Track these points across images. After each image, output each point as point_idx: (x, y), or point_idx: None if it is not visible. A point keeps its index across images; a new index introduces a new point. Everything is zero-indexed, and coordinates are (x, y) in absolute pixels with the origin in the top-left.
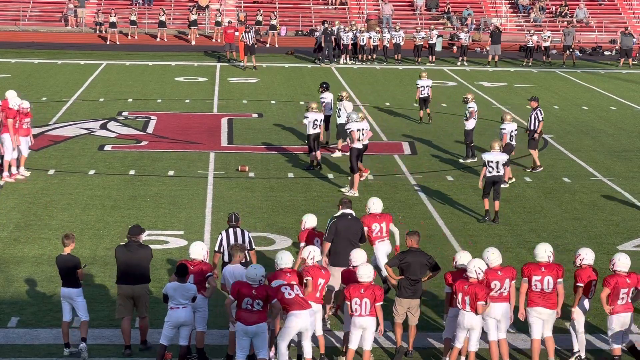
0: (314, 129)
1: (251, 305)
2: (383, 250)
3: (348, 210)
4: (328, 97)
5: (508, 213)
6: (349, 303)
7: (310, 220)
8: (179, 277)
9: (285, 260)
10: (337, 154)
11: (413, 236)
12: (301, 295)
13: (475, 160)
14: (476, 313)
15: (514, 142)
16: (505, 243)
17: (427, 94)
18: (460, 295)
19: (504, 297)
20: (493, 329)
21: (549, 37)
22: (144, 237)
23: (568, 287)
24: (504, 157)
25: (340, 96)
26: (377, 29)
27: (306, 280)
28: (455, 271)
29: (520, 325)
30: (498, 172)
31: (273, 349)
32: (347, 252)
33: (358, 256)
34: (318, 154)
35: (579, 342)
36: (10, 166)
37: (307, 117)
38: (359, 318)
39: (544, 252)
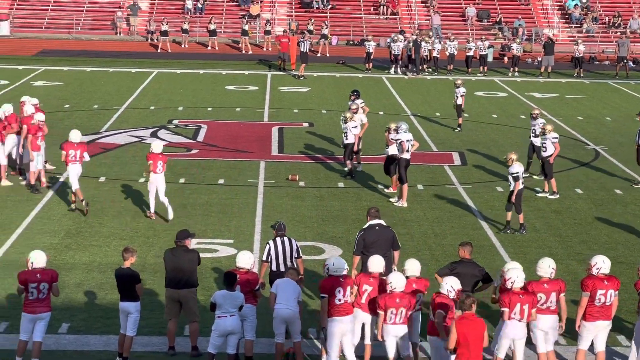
0: (351, 138)
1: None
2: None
3: (376, 221)
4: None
5: (558, 224)
6: (382, 312)
7: None
8: (227, 286)
9: (340, 266)
10: (360, 167)
11: (465, 247)
12: (349, 301)
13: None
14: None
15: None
16: (556, 255)
17: (462, 101)
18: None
19: (551, 310)
20: (541, 341)
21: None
22: (192, 242)
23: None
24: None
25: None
26: (427, 39)
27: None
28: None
29: (570, 337)
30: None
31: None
32: None
33: (378, 263)
34: (348, 162)
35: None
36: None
37: (356, 127)
38: (392, 326)
39: (603, 262)
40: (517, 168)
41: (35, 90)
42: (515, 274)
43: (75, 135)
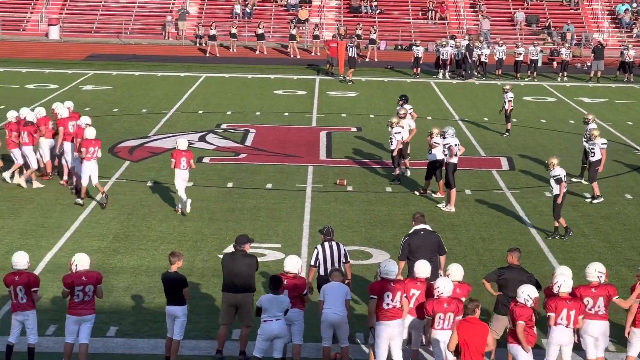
0: (394, 144)
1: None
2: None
3: (421, 226)
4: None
5: (608, 230)
6: (430, 317)
7: None
8: (273, 290)
9: (391, 270)
10: (408, 172)
11: (514, 252)
12: (398, 306)
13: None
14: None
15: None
16: (605, 260)
17: (510, 106)
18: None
19: (600, 316)
20: (591, 347)
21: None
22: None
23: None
24: None
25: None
26: (477, 43)
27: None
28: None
29: (619, 344)
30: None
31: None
32: None
33: (424, 268)
34: (397, 169)
35: None
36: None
37: (399, 133)
38: (440, 332)
39: None
40: (559, 171)
41: (84, 94)
42: (562, 279)
43: (91, 133)
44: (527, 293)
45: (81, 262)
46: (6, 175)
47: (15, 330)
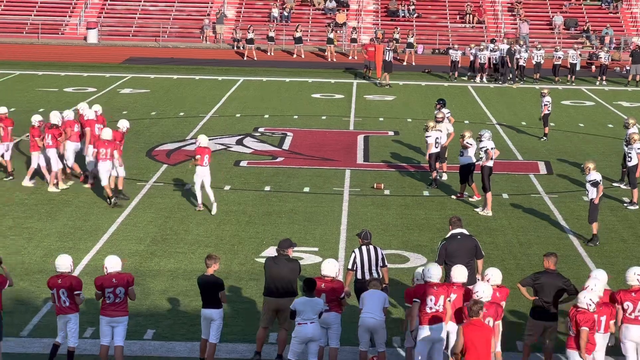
0: (436, 147)
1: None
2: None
3: (458, 230)
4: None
5: None
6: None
7: None
8: (307, 292)
9: (434, 273)
10: (445, 177)
11: (550, 257)
12: (440, 310)
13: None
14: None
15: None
16: None
17: (549, 110)
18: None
19: None
20: (632, 352)
21: None
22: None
23: None
24: None
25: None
26: (518, 47)
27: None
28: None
29: None
30: None
31: None
32: None
33: (461, 272)
34: (434, 173)
35: None
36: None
37: (430, 136)
38: None
39: None
40: (595, 175)
41: (121, 97)
42: (592, 283)
43: (106, 134)
44: (589, 298)
45: (111, 264)
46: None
47: (62, 332)
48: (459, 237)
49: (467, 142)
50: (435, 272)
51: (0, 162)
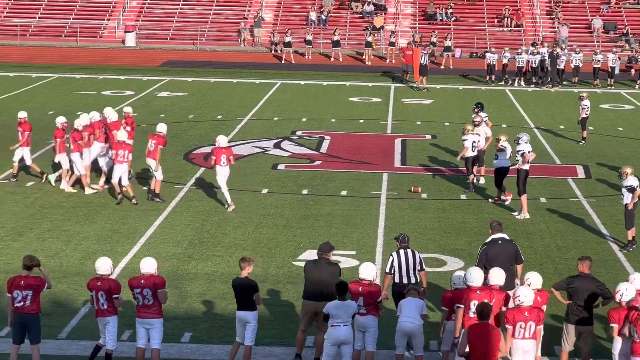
0: (472, 151)
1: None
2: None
3: (499, 235)
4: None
5: None
6: (511, 327)
7: None
8: (339, 295)
9: (476, 277)
10: (482, 180)
11: (584, 261)
12: None
13: None
14: None
15: None
16: None
17: (587, 114)
18: None
19: None
20: None
21: None
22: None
23: None
24: None
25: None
26: (559, 50)
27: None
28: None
29: None
30: None
31: None
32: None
33: (499, 275)
34: (471, 176)
35: None
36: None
37: (466, 140)
38: (522, 341)
39: None
40: (632, 181)
41: (159, 100)
42: (624, 287)
43: (122, 135)
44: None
45: (143, 266)
46: (52, 177)
47: (104, 335)
48: (499, 241)
49: (501, 145)
50: (477, 276)
51: (14, 167)
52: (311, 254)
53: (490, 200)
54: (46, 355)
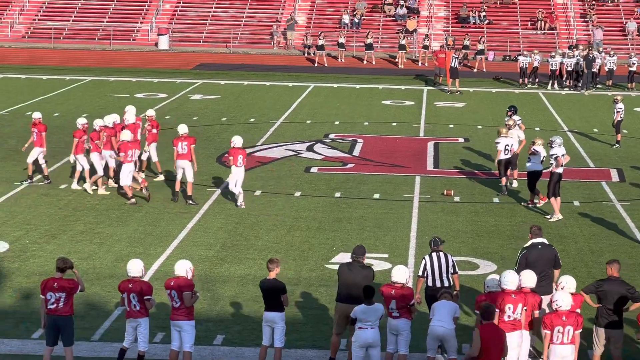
0: (505, 154)
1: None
2: None
3: (538, 240)
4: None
5: None
6: (549, 332)
7: None
8: (366, 299)
9: (511, 280)
10: (515, 184)
11: (613, 264)
12: (519, 318)
13: None
14: None
15: None
16: None
17: (621, 117)
18: None
19: None
20: None
21: None
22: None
23: None
24: None
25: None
26: (596, 53)
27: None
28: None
29: None
30: None
31: None
32: (541, 283)
33: (530, 278)
34: (503, 179)
35: None
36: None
37: (499, 143)
38: (560, 346)
39: None
40: None
41: (192, 103)
42: None
43: (126, 135)
44: None
45: (176, 267)
46: (87, 187)
47: (129, 337)
48: (539, 246)
49: (534, 149)
50: (512, 280)
51: (29, 167)
52: (343, 257)
53: (523, 203)
54: (79, 357)
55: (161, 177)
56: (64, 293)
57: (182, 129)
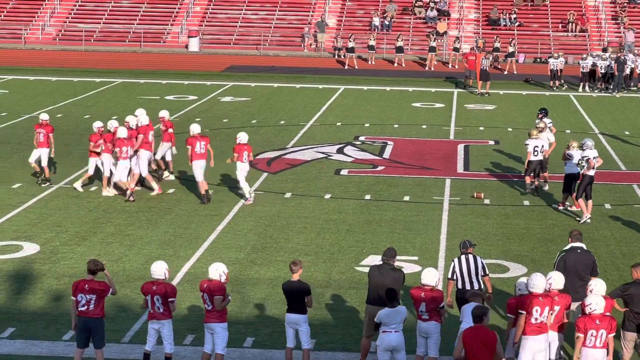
0: (535, 155)
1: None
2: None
3: (578, 244)
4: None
5: None
6: (581, 335)
7: None
8: (389, 302)
9: (538, 283)
10: (546, 187)
11: (639, 268)
12: (545, 321)
13: None
14: None
15: None
16: None
17: None
18: None
19: None
20: None
21: None
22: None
23: None
24: None
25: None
26: (631, 55)
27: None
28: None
29: None
30: None
31: None
32: (577, 288)
33: (559, 279)
34: (535, 180)
35: None
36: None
37: (528, 144)
38: (592, 350)
39: None
40: None
41: (222, 105)
42: None
43: (122, 132)
44: None
45: (210, 270)
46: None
47: (151, 339)
48: (578, 250)
49: (567, 154)
50: (539, 283)
51: (35, 167)
52: (373, 260)
53: (554, 205)
54: (109, 359)
55: (172, 177)
56: (94, 295)
57: (197, 128)
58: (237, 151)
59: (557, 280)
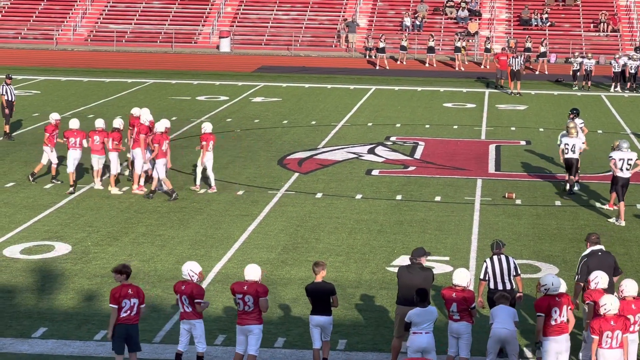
0: (565, 153)
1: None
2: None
3: (597, 247)
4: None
5: None
6: (596, 337)
7: None
8: (420, 302)
9: (557, 285)
10: (577, 187)
11: None
12: (565, 321)
13: None
14: None
15: None
16: None
17: None
18: None
19: None
20: None
21: None
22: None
23: None
24: None
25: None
26: None
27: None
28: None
29: None
30: None
31: None
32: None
33: (604, 278)
34: (571, 178)
35: None
36: (139, 179)
37: (560, 144)
38: (609, 351)
39: None
40: None
41: (253, 106)
42: None
43: (74, 123)
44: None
45: (248, 272)
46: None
47: (183, 339)
48: (599, 253)
49: (610, 156)
50: (557, 284)
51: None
52: (404, 260)
53: (605, 206)
54: (141, 359)
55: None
56: (137, 299)
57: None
58: (204, 139)
59: (602, 279)
